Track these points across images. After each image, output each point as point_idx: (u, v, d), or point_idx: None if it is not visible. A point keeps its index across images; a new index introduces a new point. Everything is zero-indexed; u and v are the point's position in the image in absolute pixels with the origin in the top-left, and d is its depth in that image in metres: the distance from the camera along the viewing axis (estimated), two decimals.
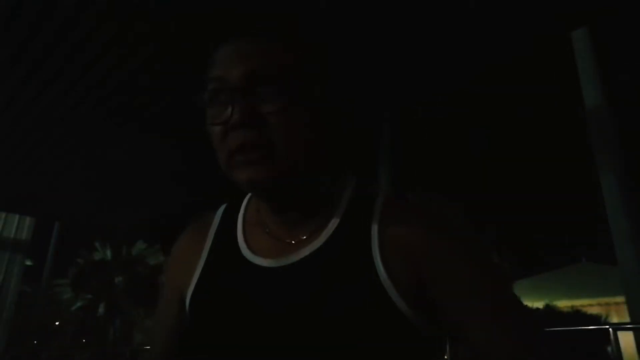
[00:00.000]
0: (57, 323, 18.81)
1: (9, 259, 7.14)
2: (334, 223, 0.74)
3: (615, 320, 17.70)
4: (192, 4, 3.16)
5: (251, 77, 0.68)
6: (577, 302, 17.74)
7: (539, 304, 11.45)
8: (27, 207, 6.81)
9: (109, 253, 18.44)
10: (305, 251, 0.72)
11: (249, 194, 0.87)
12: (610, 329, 3.67)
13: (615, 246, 4.15)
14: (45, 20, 3.35)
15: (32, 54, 3.69)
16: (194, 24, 3.27)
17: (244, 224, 0.82)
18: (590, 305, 18.08)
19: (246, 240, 0.79)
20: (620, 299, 16.94)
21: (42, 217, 7.52)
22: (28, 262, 6.89)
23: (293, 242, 0.74)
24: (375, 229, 0.70)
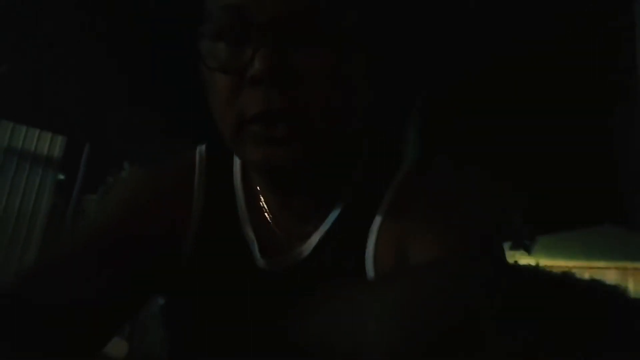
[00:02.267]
0: None
1: (42, 173, 7.51)
2: (333, 215, 0.63)
3: (631, 285, 17.93)
4: None
5: (285, 17, 0.49)
6: (595, 264, 17.86)
7: (556, 262, 11.57)
8: (59, 126, 7.00)
9: None
10: (302, 251, 0.63)
11: None
12: None
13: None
14: None
15: None
16: None
17: (246, 199, 0.66)
18: (607, 268, 18.22)
19: (250, 220, 0.65)
20: (638, 264, 17.03)
21: (73, 136, 7.74)
22: (60, 176, 7.31)
23: (297, 237, 0.63)
24: (377, 222, 0.59)
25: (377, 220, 0.60)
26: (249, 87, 0.50)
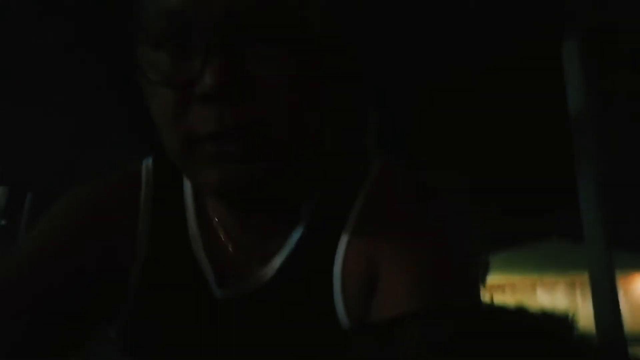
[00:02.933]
0: None
1: None
2: (296, 234, 0.54)
3: (578, 294, 18.69)
4: None
5: (236, 15, 0.40)
6: (546, 279, 18.58)
7: (511, 279, 11.91)
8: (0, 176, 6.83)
9: None
10: (264, 274, 0.54)
11: None
12: None
13: (584, 226, 4.35)
14: None
15: None
16: None
17: (197, 215, 0.57)
18: (556, 282, 19.07)
19: (204, 244, 0.56)
20: (586, 276, 17.95)
21: (15, 186, 7.52)
22: (2, 222, 7.19)
23: (257, 259, 0.54)
24: (344, 241, 0.52)
25: (344, 239, 0.52)
26: (199, 103, 0.41)
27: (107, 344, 0.58)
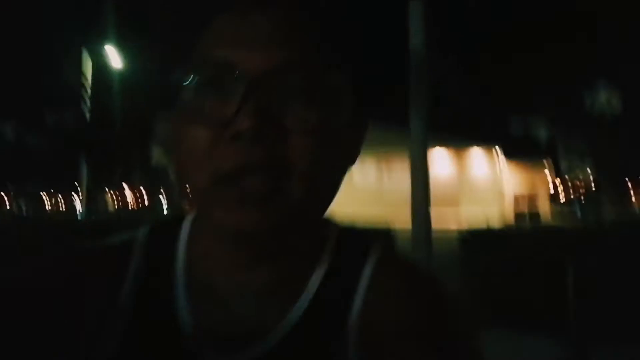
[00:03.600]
0: None
1: None
2: (307, 296, 0.52)
3: (385, 172, 21.05)
4: None
5: (277, 69, 0.44)
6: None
7: None
8: None
9: None
10: (269, 341, 0.50)
11: (189, 221, 0.57)
12: None
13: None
14: None
15: None
16: None
17: (188, 285, 0.52)
18: (364, 160, 21.42)
19: (193, 315, 0.51)
20: (391, 154, 20.51)
21: None
22: None
23: (258, 321, 0.50)
24: (356, 311, 0.51)
25: (356, 310, 0.51)
26: (229, 142, 0.43)
27: None
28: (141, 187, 29.70)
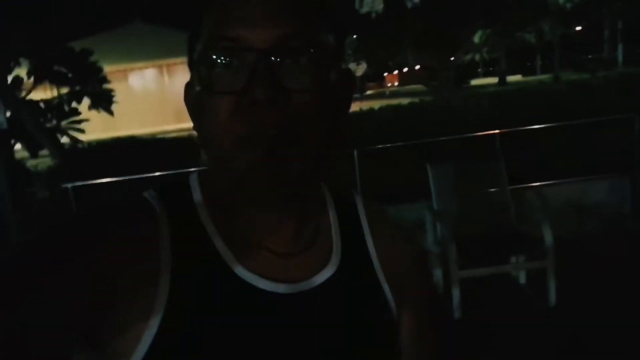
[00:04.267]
0: None
1: None
2: (335, 238, 0.62)
3: (166, 78, 20.41)
4: None
5: (282, 42, 0.50)
6: (135, 65, 19.32)
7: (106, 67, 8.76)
8: None
9: None
10: (317, 274, 0.58)
11: (194, 177, 0.61)
12: None
13: None
14: None
15: None
16: None
17: (217, 227, 0.57)
18: (146, 67, 20.13)
19: (234, 253, 0.55)
20: (172, 60, 19.59)
21: None
22: None
23: (293, 257, 0.58)
24: (370, 242, 0.63)
25: (370, 241, 0.64)
26: (246, 109, 0.49)
27: None
28: None
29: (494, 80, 29.18)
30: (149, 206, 0.56)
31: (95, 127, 5.75)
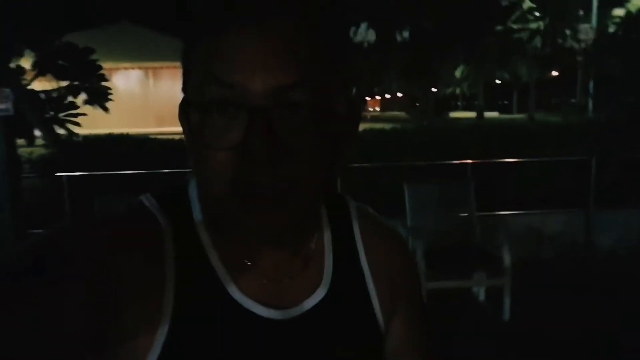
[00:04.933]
0: None
1: None
2: (327, 258, 0.61)
3: (151, 81, 20.32)
4: None
5: (282, 93, 0.46)
6: (121, 65, 19.20)
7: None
8: None
9: None
10: (308, 297, 0.57)
11: (194, 189, 0.58)
12: None
13: None
14: None
15: None
16: None
17: (215, 248, 0.56)
18: (132, 68, 20.00)
19: (230, 275, 0.55)
20: (159, 64, 19.59)
21: None
22: None
23: (286, 280, 0.57)
24: (363, 256, 0.63)
25: (363, 256, 0.63)
26: (243, 163, 0.46)
27: None
28: None
29: (472, 114, 30.11)
30: (152, 217, 0.54)
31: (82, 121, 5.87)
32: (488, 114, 29.57)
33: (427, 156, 4.72)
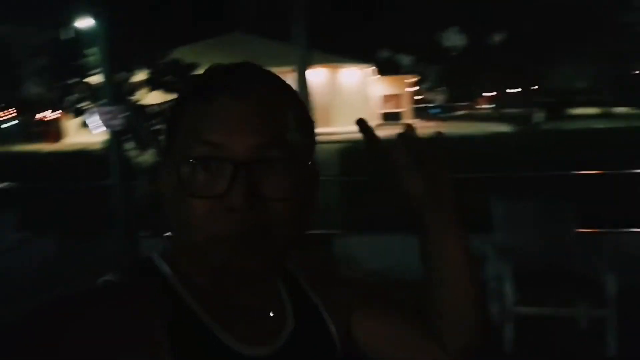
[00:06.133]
0: None
1: None
2: (283, 293, 0.66)
3: None
4: None
5: (260, 150, 0.52)
6: None
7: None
8: None
9: None
10: (281, 332, 0.62)
11: (157, 257, 0.61)
12: None
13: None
14: None
15: None
16: None
17: (197, 301, 0.58)
18: None
19: (220, 324, 0.57)
20: (272, 69, 20.62)
21: None
22: None
23: (265, 319, 0.62)
24: (314, 295, 0.69)
25: (313, 294, 0.69)
26: (224, 213, 0.52)
27: None
28: None
29: (597, 110, 27.10)
30: (142, 291, 0.55)
31: None
32: (619, 109, 26.24)
33: (526, 166, 4.34)
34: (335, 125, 16.50)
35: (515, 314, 2.97)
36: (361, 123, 0.65)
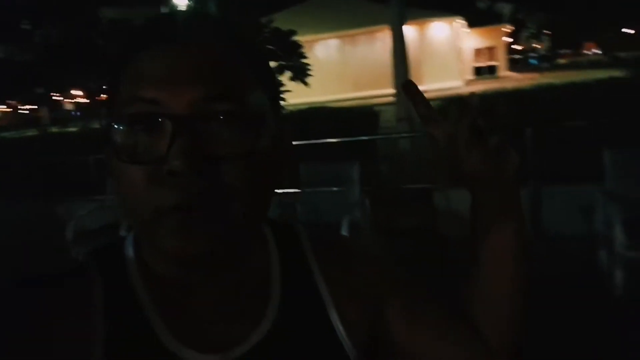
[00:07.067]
0: None
1: None
2: (274, 289, 0.56)
3: (349, 48, 21.24)
4: None
5: (204, 104, 0.45)
6: (320, 36, 20.50)
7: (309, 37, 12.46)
8: None
9: None
10: (250, 334, 0.53)
11: (130, 237, 0.57)
12: None
13: None
14: None
15: None
16: None
17: (151, 293, 0.53)
18: (330, 38, 21.15)
19: (165, 323, 0.51)
20: (354, 31, 20.39)
21: None
22: None
23: (225, 319, 0.53)
24: (320, 278, 0.59)
25: (320, 277, 0.59)
26: (166, 179, 0.44)
27: None
28: None
29: None
30: (81, 272, 0.53)
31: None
32: None
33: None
34: (425, 83, 16.12)
35: (626, 259, 2.96)
36: (407, 86, 0.57)
